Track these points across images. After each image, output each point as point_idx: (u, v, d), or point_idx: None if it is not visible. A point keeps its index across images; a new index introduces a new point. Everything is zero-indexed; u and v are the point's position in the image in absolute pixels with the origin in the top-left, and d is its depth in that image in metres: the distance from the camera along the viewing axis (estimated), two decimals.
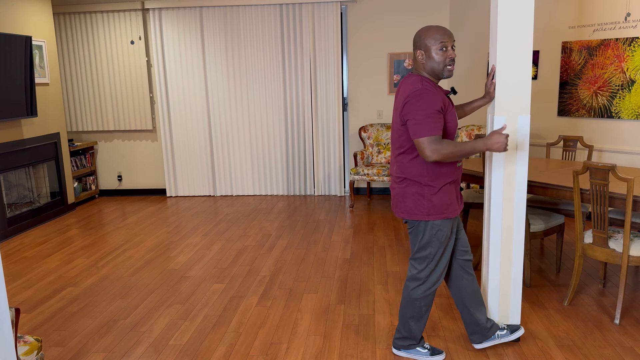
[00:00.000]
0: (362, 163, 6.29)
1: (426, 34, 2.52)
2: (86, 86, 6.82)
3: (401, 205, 2.64)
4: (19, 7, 5.50)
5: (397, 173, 2.64)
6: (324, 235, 5.07)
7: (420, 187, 2.56)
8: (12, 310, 2.20)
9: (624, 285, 3.15)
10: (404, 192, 2.61)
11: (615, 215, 3.85)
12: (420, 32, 2.55)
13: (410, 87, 2.50)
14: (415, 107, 2.43)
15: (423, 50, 2.53)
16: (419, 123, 2.42)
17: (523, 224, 2.86)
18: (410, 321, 2.76)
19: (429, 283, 2.69)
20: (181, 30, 6.56)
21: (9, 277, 4.23)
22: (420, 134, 2.42)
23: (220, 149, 6.81)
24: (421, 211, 2.58)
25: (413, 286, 2.72)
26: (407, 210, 2.62)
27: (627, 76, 4.93)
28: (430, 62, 2.52)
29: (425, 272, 2.68)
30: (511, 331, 2.88)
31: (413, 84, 2.50)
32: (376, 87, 6.63)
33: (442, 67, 2.52)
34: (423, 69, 2.56)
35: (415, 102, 2.44)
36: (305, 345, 3.00)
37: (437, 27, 2.54)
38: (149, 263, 4.44)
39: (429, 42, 2.51)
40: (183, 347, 3.03)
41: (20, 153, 5.49)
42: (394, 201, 2.69)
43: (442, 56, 2.51)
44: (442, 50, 2.50)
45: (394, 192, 2.68)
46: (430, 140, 2.42)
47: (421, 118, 2.42)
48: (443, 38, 2.49)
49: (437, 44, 2.50)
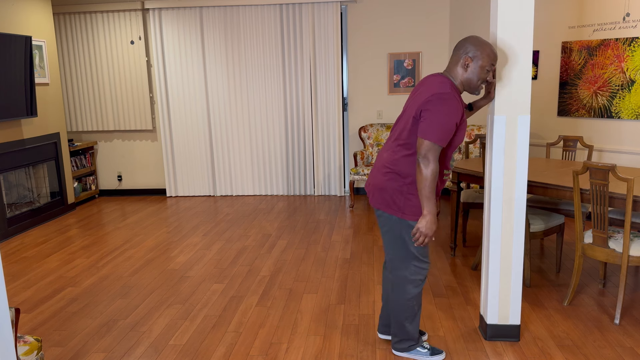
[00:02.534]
0: (362, 163, 6.29)
1: (483, 47, 2.50)
2: (86, 86, 6.82)
3: (379, 196, 2.63)
4: (19, 7, 5.50)
5: (386, 162, 2.61)
6: (324, 235, 5.07)
7: (402, 185, 2.56)
8: (12, 310, 2.20)
9: (624, 285, 3.15)
10: (385, 185, 2.59)
11: (615, 215, 3.85)
12: (476, 42, 2.52)
13: (440, 87, 2.46)
14: (438, 108, 2.41)
15: (472, 60, 2.52)
16: (433, 126, 2.41)
17: (523, 224, 2.86)
18: (405, 322, 2.76)
19: (416, 281, 2.71)
20: (181, 30, 6.56)
21: (9, 277, 4.23)
22: (429, 136, 2.41)
23: (220, 149, 6.81)
24: (399, 207, 2.57)
25: (403, 287, 2.72)
26: (385, 203, 2.61)
27: (627, 76, 4.93)
28: (471, 75, 2.53)
29: (411, 270, 2.69)
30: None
31: (444, 85, 2.47)
32: (376, 87, 6.63)
33: (478, 84, 2.56)
34: (459, 76, 2.55)
35: (441, 103, 2.42)
36: (305, 345, 3.00)
37: (492, 46, 2.54)
38: (149, 263, 4.44)
39: (482, 57, 2.51)
40: (183, 347, 3.03)
41: (20, 153, 5.49)
42: (373, 190, 2.66)
43: (485, 76, 2.54)
44: (488, 71, 2.54)
45: (374, 181, 2.64)
46: (434, 147, 2.42)
47: (438, 122, 2.41)
48: (495, 60, 2.54)
49: (488, 63, 2.52)
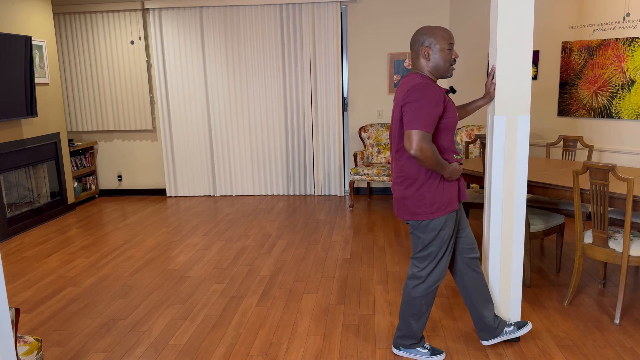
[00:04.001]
0: (362, 163, 6.29)
1: (433, 33, 2.55)
2: (86, 86, 6.82)
3: (402, 207, 2.64)
4: (19, 7, 5.50)
5: (396, 172, 2.65)
6: (324, 235, 5.07)
7: (419, 186, 2.56)
8: (12, 310, 2.20)
9: (624, 285, 3.15)
10: (404, 193, 2.61)
11: (615, 215, 3.85)
12: (426, 31, 2.57)
13: (413, 81, 2.51)
14: (415, 99, 2.44)
15: (429, 48, 2.55)
16: (415, 115, 2.43)
17: (523, 224, 2.86)
18: (411, 320, 2.76)
19: (429, 282, 2.70)
20: (181, 30, 6.56)
21: (9, 277, 4.23)
22: (413, 125, 2.43)
23: (220, 149, 6.81)
24: (424, 211, 2.58)
25: (414, 284, 2.72)
26: (409, 212, 2.62)
27: (627, 76, 4.93)
28: (436, 61, 2.56)
29: (426, 271, 2.68)
30: (518, 327, 2.89)
31: (415, 79, 2.52)
32: (376, 87, 6.63)
33: (447, 66, 2.57)
34: (426, 67, 2.58)
35: (416, 94, 2.44)
36: (305, 345, 3.00)
37: (442, 27, 2.58)
38: (149, 263, 4.44)
39: (437, 41, 2.54)
40: (183, 347, 3.03)
41: (20, 153, 5.49)
42: (396, 204, 2.69)
43: (449, 55, 2.56)
44: (449, 50, 2.55)
45: (395, 195, 2.68)
46: (421, 134, 2.42)
47: (419, 110, 2.43)
48: (451, 39, 2.57)
49: (446, 44, 2.54)
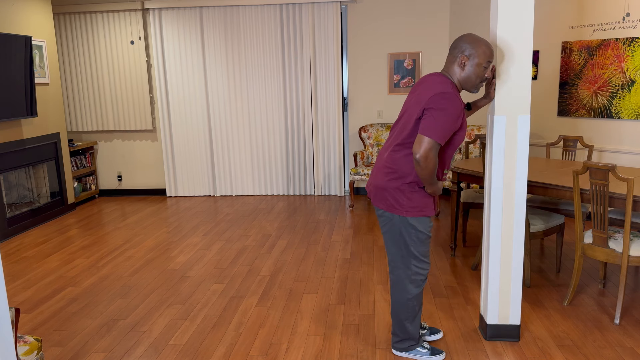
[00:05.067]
0: (362, 163, 6.29)
1: (478, 45, 2.50)
2: (86, 86, 6.82)
3: (380, 196, 2.63)
4: (19, 7, 5.50)
5: (386, 162, 2.62)
6: (324, 235, 5.07)
7: (402, 184, 2.56)
8: (12, 310, 2.20)
9: (624, 285, 3.15)
10: (386, 185, 2.60)
11: (615, 215, 3.85)
12: (470, 40, 2.52)
13: (443, 86, 2.46)
14: (442, 107, 2.41)
15: (468, 58, 2.51)
16: (435, 124, 2.41)
17: (523, 224, 2.86)
18: (406, 322, 2.76)
19: (417, 281, 2.71)
20: (181, 30, 6.56)
21: (9, 277, 4.23)
22: (429, 133, 2.41)
23: (220, 149, 6.81)
24: (401, 206, 2.58)
25: (403, 287, 2.72)
26: (386, 202, 2.62)
27: (627, 76, 4.93)
28: (469, 73, 2.52)
29: (412, 270, 2.69)
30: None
31: (445, 85, 2.47)
32: (376, 87, 6.62)
33: (478, 82, 2.55)
34: (457, 75, 2.55)
35: (444, 103, 2.41)
36: (305, 345, 3.00)
37: (487, 43, 2.52)
38: (149, 263, 4.44)
39: (477, 55, 2.50)
40: (183, 347, 3.03)
41: (20, 153, 5.49)
42: (374, 190, 2.67)
43: (483, 73, 2.53)
44: (485, 68, 2.52)
45: (375, 181, 2.65)
46: (433, 144, 2.41)
47: (440, 121, 2.40)
48: (491, 57, 2.53)
49: (485, 60, 2.51)
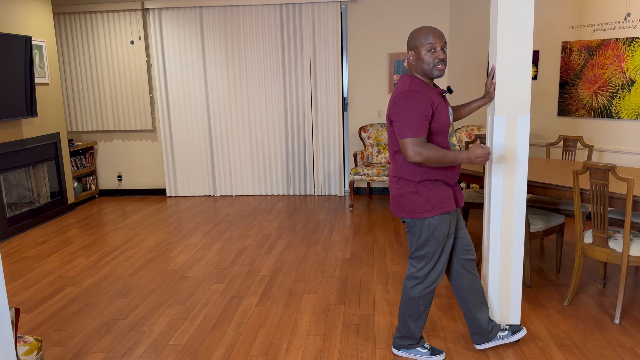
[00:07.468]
0: (362, 163, 6.29)
1: (416, 35, 2.56)
2: (86, 86, 6.82)
3: (399, 204, 2.66)
4: (19, 7, 5.50)
5: (393, 172, 2.68)
6: (324, 235, 5.07)
7: (415, 186, 2.58)
8: (12, 310, 2.20)
9: (624, 285, 3.15)
10: (400, 191, 2.63)
11: (615, 215, 3.85)
12: (412, 33, 2.60)
13: (401, 87, 2.56)
14: (401, 108, 2.48)
15: (413, 51, 2.57)
16: (404, 124, 2.47)
17: (523, 224, 2.86)
18: (409, 320, 2.76)
19: (427, 282, 2.70)
20: (181, 30, 6.56)
21: (9, 277, 4.23)
22: (404, 134, 2.47)
23: (220, 149, 6.81)
24: (420, 209, 2.59)
25: (411, 285, 2.72)
26: (405, 209, 2.63)
27: (627, 76, 4.93)
28: (419, 63, 2.56)
29: (424, 271, 2.68)
30: (512, 332, 2.88)
31: (402, 85, 2.56)
32: (376, 87, 6.63)
33: (431, 67, 2.55)
34: (415, 70, 2.61)
35: (401, 103, 2.49)
36: (305, 345, 3.00)
37: (427, 28, 2.55)
38: (149, 263, 4.44)
39: (418, 43, 2.54)
40: (183, 347, 3.03)
41: (20, 153, 5.49)
42: (392, 201, 2.71)
43: (431, 57, 2.53)
44: (431, 52, 2.53)
45: (392, 192, 2.71)
46: (413, 141, 2.45)
47: (406, 119, 2.47)
48: (432, 39, 2.52)
49: (426, 45, 2.53)
